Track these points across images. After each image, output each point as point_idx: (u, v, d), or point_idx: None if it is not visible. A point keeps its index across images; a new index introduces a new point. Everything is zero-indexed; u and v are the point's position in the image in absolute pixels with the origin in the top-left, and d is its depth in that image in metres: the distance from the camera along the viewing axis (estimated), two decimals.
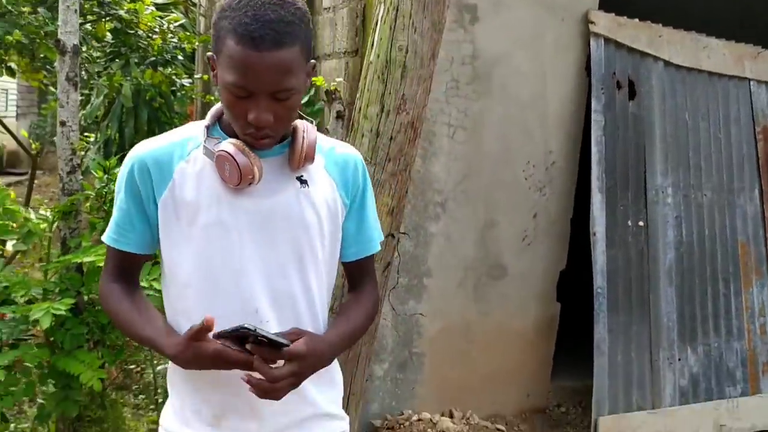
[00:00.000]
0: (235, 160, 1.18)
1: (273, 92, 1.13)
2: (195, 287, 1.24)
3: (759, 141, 3.86)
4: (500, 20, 3.25)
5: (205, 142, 1.23)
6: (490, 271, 3.41)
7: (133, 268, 1.33)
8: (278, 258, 1.25)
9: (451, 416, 3.32)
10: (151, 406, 2.57)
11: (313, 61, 1.22)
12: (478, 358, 3.43)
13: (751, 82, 3.88)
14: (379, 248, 1.43)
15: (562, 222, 3.51)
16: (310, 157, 1.26)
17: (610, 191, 3.39)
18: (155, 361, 2.57)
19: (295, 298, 1.27)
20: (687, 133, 3.66)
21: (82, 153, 6.33)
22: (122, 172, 1.26)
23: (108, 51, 4.68)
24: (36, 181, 8.91)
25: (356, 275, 1.42)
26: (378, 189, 2.18)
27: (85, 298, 2.31)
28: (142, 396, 2.81)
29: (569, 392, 3.74)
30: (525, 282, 3.48)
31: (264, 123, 1.15)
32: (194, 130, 1.29)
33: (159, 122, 6.23)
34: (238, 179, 1.19)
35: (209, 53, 1.20)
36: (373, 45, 2.15)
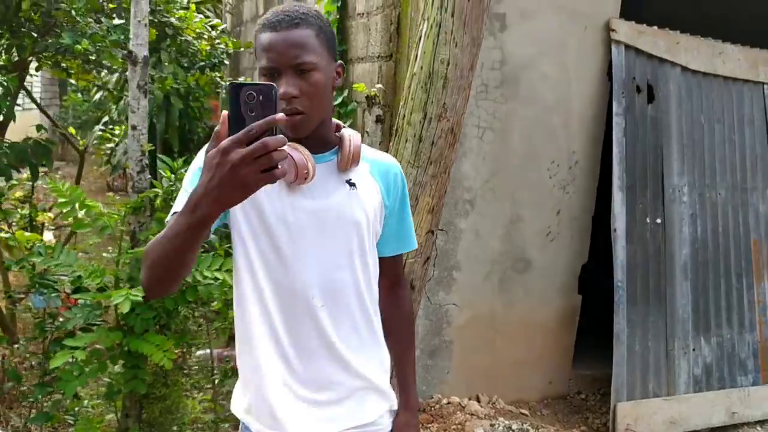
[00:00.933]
0: (291, 156, 1.28)
1: (293, 66, 1.26)
2: (260, 278, 1.38)
3: None
4: (527, 28, 3.45)
5: None
6: (515, 265, 3.61)
7: None
8: (332, 253, 1.38)
9: (478, 401, 3.53)
10: (208, 386, 2.80)
11: (340, 62, 1.39)
12: (503, 347, 3.64)
13: (765, 86, 4.05)
14: (416, 246, 1.60)
15: (583, 219, 3.70)
16: (356, 159, 1.41)
17: (630, 190, 3.59)
18: (212, 345, 2.79)
19: (345, 288, 1.40)
20: (703, 135, 3.85)
21: (112, 146, 6.57)
22: (197, 159, 1.37)
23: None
24: (60, 173, 9.17)
25: (391, 270, 1.58)
26: (420, 189, 2.39)
27: None
28: (199, 376, 3.04)
29: (589, 380, 3.94)
30: (548, 275, 3.69)
31: (290, 94, 1.26)
32: None
33: (189, 117, 6.45)
34: (294, 176, 1.30)
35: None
36: (416, 58, 2.36)
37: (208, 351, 3.02)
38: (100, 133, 6.27)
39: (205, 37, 3.84)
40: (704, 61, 3.85)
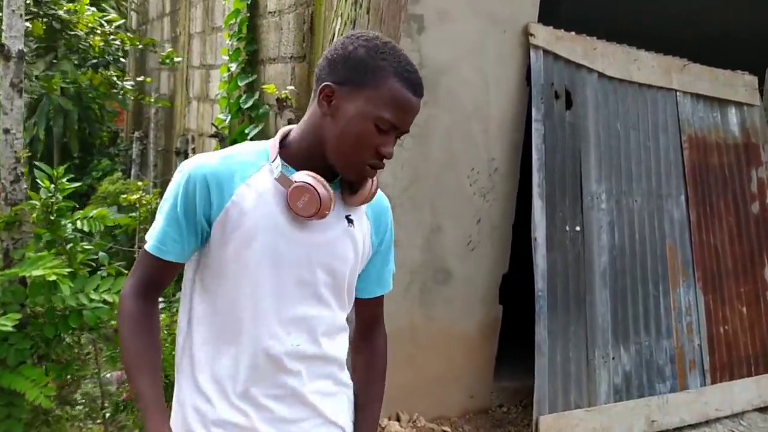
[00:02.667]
0: (317, 192, 1.23)
1: (406, 132, 1.29)
2: (236, 307, 1.29)
3: (685, 149, 4.09)
4: (445, 31, 3.32)
5: (281, 169, 1.26)
6: (435, 276, 3.48)
7: (165, 281, 1.35)
8: (316, 286, 1.33)
9: (398, 419, 3.37)
10: (98, 420, 2.50)
11: None
12: (424, 362, 3.50)
13: (678, 93, 4.10)
14: (391, 288, 1.54)
15: (504, 227, 3.61)
16: (372, 198, 1.35)
17: (549, 197, 3.52)
18: (101, 374, 2.50)
19: (323, 321, 1.35)
20: (619, 142, 3.84)
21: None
22: (178, 183, 1.27)
23: (35, 47, 4.51)
24: None
25: (372, 312, 1.53)
26: None
27: (29, 311, 2.23)
28: (83, 408, 2.73)
29: (511, 392, 3.86)
30: (469, 285, 3.57)
31: (390, 153, 1.26)
32: (253, 154, 1.31)
33: (90, 121, 6.03)
34: (315, 211, 1.25)
35: (328, 83, 1.25)
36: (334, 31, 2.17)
37: (110, 375, 2.74)
38: None
39: (99, 32, 3.51)
40: (620, 68, 3.84)
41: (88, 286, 2.23)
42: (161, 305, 3.48)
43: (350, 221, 1.35)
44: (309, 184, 1.24)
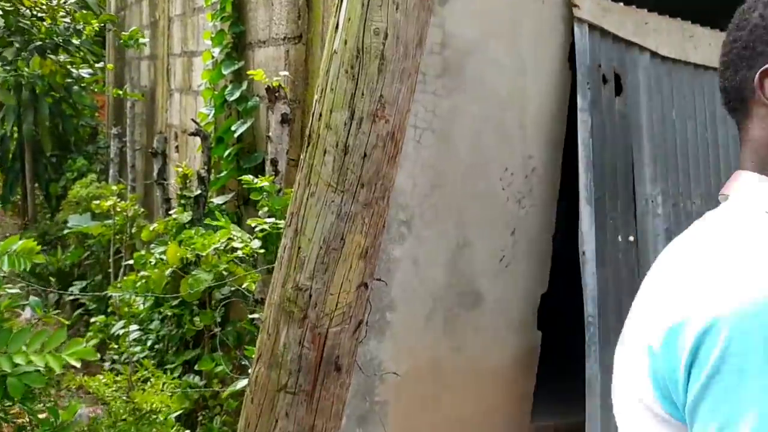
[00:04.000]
0: None
1: None
2: None
3: None
4: (473, 2, 2.72)
5: None
6: (462, 300, 2.89)
7: None
8: None
9: None
10: None
11: None
12: (450, 402, 2.92)
13: None
14: None
15: (543, 239, 3.03)
16: None
17: (599, 202, 2.93)
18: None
19: None
20: (675, 134, 3.25)
21: None
22: None
23: None
24: None
25: None
26: (347, 225, 1.61)
27: None
28: None
29: None
30: (502, 310, 2.99)
31: None
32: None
33: (63, 116, 5.41)
34: None
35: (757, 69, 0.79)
36: (337, 27, 1.57)
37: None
38: None
39: (45, 8, 2.89)
40: (675, 46, 3.25)
41: (13, 344, 1.65)
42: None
43: None
44: None
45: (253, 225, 2.27)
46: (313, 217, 1.61)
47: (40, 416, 1.91)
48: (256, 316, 2.13)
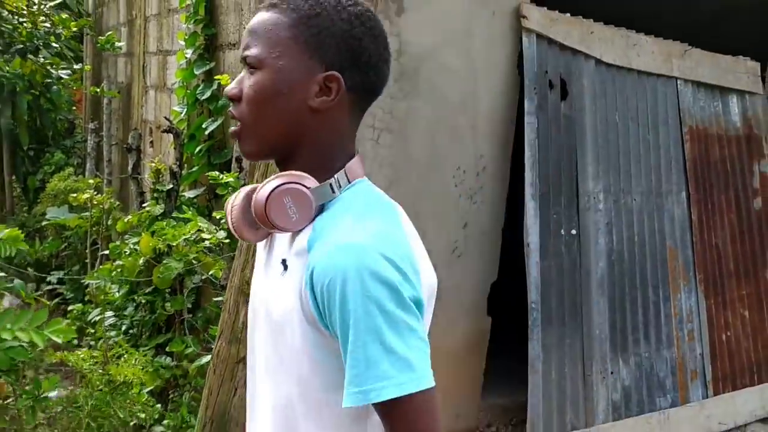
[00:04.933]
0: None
1: (243, 56, 1.00)
2: None
3: (686, 142, 3.77)
4: (428, 12, 2.94)
5: None
6: None
7: None
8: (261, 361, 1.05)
9: None
10: None
11: (332, 73, 0.98)
12: None
13: (679, 81, 3.77)
14: (378, 399, 0.91)
15: (493, 232, 3.27)
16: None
17: (543, 198, 3.18)
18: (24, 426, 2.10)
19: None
20: (617, 136, 3.51)
21: None
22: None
23: None
24: None
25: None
26: None
27: None
28: None
29: (500, 410, 3.55)
30: (455, 296, 3.23)
31: (227, 92, 1.01)
32: None
33: (41, 110, 5.55)
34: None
35: None
36: None
37: None
38: None
39: (26, 13, 3.07)
40: (619, 54, 3.50)
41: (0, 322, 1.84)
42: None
43: (285, 266, 0.99)
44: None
45: (218, 217, 2.47)
46: None
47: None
48: (220, 299, 2.33)
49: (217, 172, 2.56)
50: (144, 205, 3.53)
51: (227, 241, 2.50)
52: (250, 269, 1.85)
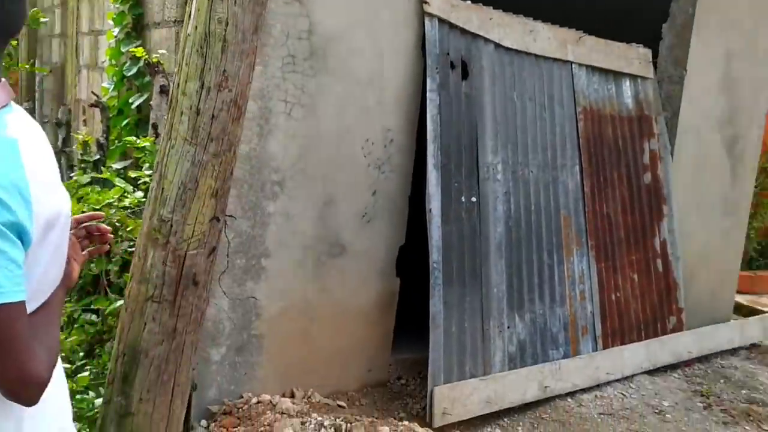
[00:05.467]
0: None
1: None
2: None
3: (579, 121, 4.15)
4: None
5: None
6: (330, 249, 3.40)
7: None
8: None
9: (293, 396, 3.30)
10: None
11: None
12: (319, 337, 3.43)
13: (573, 65, 4.14)
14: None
15: (400, 199, 3.57)
16: None
17: (445, 168, 3.49)
18: None
19: None
20: (515, 113, 3.85)
21: None
22: None
23: None
24: None
25: None
26: (200, 171, 2.08)
27: None
28: None
29: (409, 364, 3.86)
30: (365, 259, 3.52)
31: None
32: None
33: None
34: None
35: None
36: (190, 16, 2.03)
37: None
38: None
39: None
40: (516, 39, 3.84)
41: None
42: None
43: None
44: None
45: (134, 176, 2.69)
46: (173, 165, 2.07)
47: None
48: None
49: (134, 137, 2.78)
50: (72, 175, 3.70)
51: (144, 200, 2.72)
52: (158, 217, 2.10)
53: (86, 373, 2.68)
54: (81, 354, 2.78)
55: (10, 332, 1.05)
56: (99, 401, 2.47)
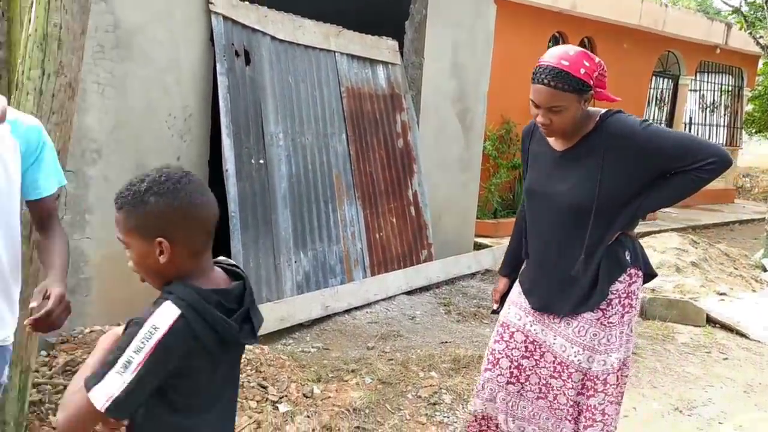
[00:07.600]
0: None
1: None
2: None
3: (344, 98, 5.23)
4: None
5: None
6: None
7: None
8: None
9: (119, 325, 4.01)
10: None
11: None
12: (137, 279, 4.14)
13: (336, 54, 5.20)
14: (65, 182, 2.05)
15: (200, 163, 4.38)
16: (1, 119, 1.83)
17: (236, 136, 4.37)
18: None
19: None
20: (291, 92, 4.82)
21: None
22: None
23: None
24: None
25: (43, 213, 1.97)
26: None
27: None
28: None
29: None
30: None
31: None
32: None
33: None
34: None
35: None
36: (30, 21, 2.70)
37: None
38: None
39: None
40: (288, 33, 4.80)
41: None
42: None
43: None
44: None
45: None
46: None
47: None
48: None
49: None
50: None
51: None
52: None
53: None
54: None
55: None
56: None
